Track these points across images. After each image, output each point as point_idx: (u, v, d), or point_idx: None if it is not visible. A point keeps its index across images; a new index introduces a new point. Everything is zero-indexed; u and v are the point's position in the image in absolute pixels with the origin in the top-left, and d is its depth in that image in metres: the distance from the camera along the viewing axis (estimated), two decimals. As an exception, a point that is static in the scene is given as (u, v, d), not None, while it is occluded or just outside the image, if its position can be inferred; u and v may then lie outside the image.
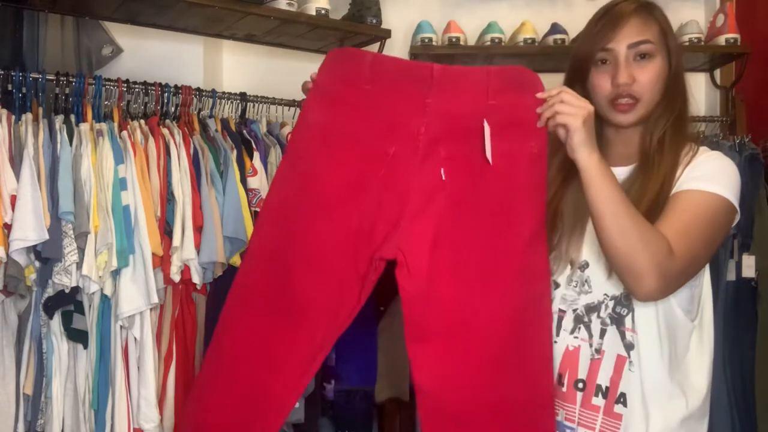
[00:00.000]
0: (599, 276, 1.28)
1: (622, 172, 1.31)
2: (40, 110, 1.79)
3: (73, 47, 2.37)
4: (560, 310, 1.32)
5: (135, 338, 1.79)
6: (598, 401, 1.27)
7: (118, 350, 1.78)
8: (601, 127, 1.36)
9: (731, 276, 2.28)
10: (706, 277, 1.32)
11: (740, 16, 2.61)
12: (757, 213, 2.29)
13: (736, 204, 1.24)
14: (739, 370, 2.27)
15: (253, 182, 2.01)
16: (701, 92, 2.81)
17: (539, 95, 1.22)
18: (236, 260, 1.90)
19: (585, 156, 1.17)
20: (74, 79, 1.89)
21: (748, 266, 2.28)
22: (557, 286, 1.33)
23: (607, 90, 1.29)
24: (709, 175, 1.24)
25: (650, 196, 1.24)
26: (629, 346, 1.25)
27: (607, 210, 1.16)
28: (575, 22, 2.67)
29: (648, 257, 1.14)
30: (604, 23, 1.30)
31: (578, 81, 1.34)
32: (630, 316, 1.25)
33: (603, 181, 1.16)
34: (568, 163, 1.24)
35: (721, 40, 2.56)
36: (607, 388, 1.27)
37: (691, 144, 1.31)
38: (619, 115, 1.29)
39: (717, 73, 2.80)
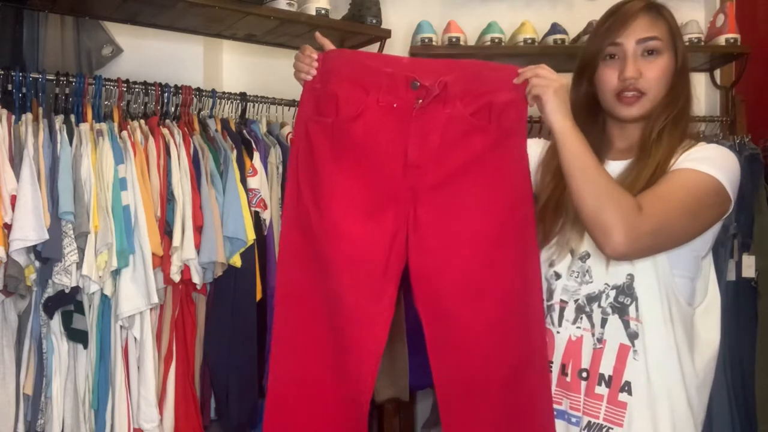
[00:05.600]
0: (600, 266, 1.31)
1: (620, 165, 1.34)
2: (40, 110, 1.79)
3: (73, 47, 2.37)
4: (562, 301, 1.35)
5: (135, 338, 1.79)
6: (602, 390, 1.29)
7: (118, 350, 1.78)
8: (605, 123, 1.40)
9: (731, 276, 2.29)
10: (709, 264, 1.35)
11: (740, 16, 2.61)
12: (757, 213, 2.29)
13: (730, 190, 1.25)
14: (739, 369, 2.27)
15: (253, 182, 2.01)
16: (701, 92, 2.81)
17: (519, 71, 1.30)
18: (236, 260, 1.89)
19: (558, 120, 1.23)
20: (74, 79, 1.89)
21: (748, 266, 2.28)
22: (558, 276, 1.36)
23: (613, 84, 1.32)
24: (704, 158, 1.26)
25: (642, 181, 1.26)
26: (633, 335, 1.27)
27: (577, 166, 1.21)
28: (575, 22, 2.68)
29: (615, 212, 1.17)
30: (614, 20, 1.34)
31: (586, 77, 1.38)
32: (634, 305, 1.27)
33: (574, 142, 1.22)
34: None
35: (721, 40, 2.55)
36: (610, 377, 1.28)
37: (690, 140, 1.33)
38: (624, 108, 1.32)
39: (717, 73, 2.80)
